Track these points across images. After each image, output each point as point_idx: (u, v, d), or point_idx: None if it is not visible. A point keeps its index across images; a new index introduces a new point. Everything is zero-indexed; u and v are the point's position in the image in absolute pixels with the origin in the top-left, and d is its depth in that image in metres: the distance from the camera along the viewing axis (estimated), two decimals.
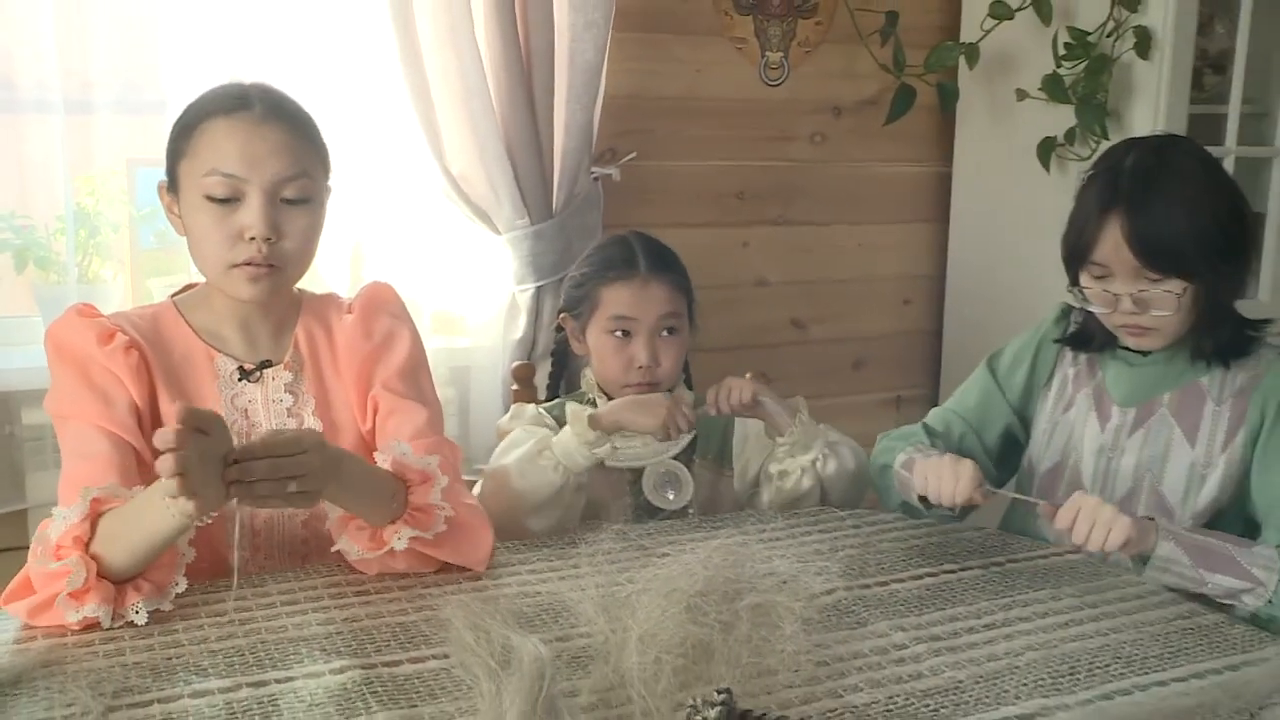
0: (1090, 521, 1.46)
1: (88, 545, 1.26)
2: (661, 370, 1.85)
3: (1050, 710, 1.14)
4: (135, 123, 2.19)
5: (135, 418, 1.43)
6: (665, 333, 1.85)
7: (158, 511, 1.22)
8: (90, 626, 1.26)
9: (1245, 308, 1.70)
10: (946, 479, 1.57)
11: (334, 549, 1.42)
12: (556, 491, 1.70)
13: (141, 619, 1.27)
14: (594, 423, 1.72)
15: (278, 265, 1.45)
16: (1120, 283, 1.60)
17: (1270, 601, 1.47)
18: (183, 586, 1.32)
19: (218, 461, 1.19)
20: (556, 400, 1.99)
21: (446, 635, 1.22)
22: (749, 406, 1.77)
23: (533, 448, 1.72)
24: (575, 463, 1.70)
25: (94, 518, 1.27)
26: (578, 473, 1.72)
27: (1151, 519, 1.52)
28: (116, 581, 1.27)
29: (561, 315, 1.97)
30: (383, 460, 1.42)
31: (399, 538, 1.38)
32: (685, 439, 1.86)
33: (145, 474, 1.38)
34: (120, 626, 1.27)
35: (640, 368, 1.83)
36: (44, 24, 2.04)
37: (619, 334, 1.85)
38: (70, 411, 1.42)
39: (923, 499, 1.63)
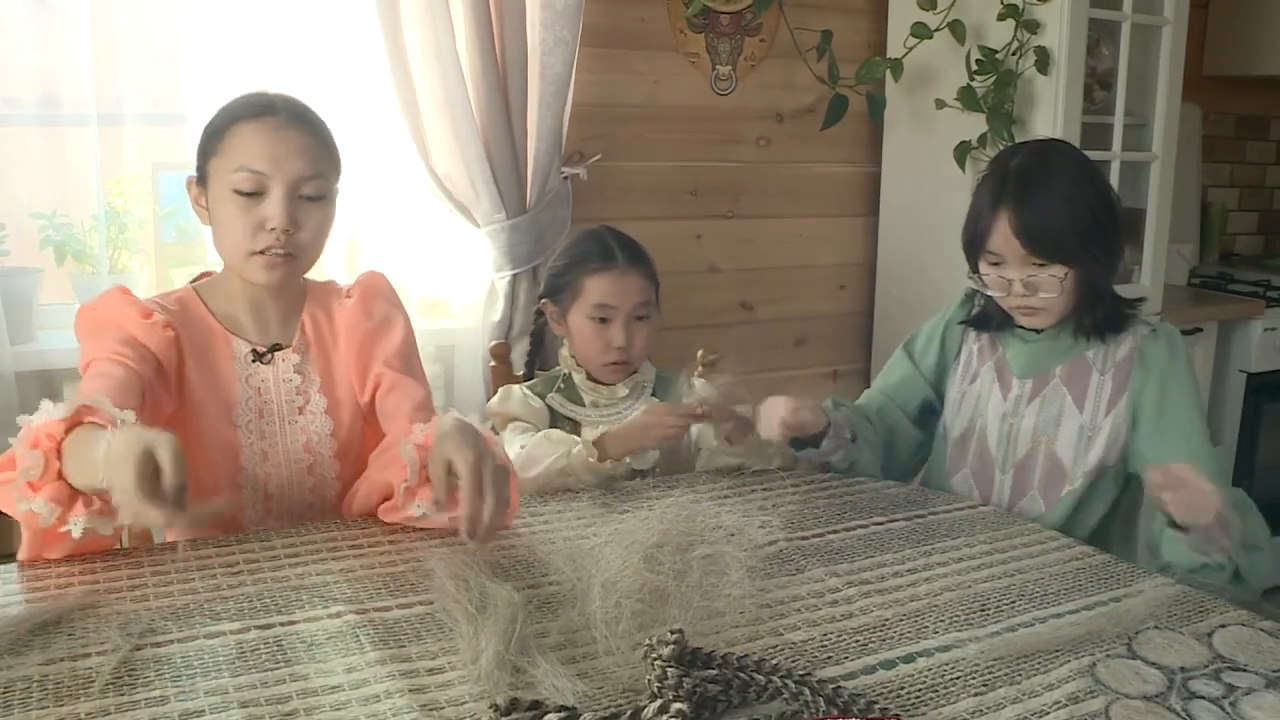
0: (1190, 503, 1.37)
1: (59, 444, 1.15)
2: (634, 352, 1.84)
3: (964, 642, 1.15)
4: (160, 133, 2.19)
5: (153, 368, 1.38)
6: (638, 319, 1.84)
7: (96, 454, 1.11)
8: (100, 554, 1.19)
9: (1128, 291, 1.71)
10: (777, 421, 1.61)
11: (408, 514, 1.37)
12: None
13: (77, 532, 1.17)
14: (603, 455, 1.64)
15: (293, 254, 1.44)
16: (1012, 269, 1.61)
17: (1228, 559, 1.43)
18: (128, 517, 1.16)
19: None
20: (536, 379, 1.97)
21: (430, 584, 1.22)
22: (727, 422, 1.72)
23: (555, 470, 1.63)
24: (593, 479, 1.64)
25: (73, 424, 1.16)
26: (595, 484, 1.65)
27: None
28: (73, 489, 1.16)
29: (543, 301, 1.94)
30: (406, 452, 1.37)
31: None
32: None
33: (149, 412, 1.32)
34: (146, 576, 1.25)
35: (617, 348, 1.82)
36: (82, 50, 2.04)
37: (599, 320, 1.83)
38: (93, 354, 1.37)
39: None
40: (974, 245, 1.64)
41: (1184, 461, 1.53)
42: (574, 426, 1.84)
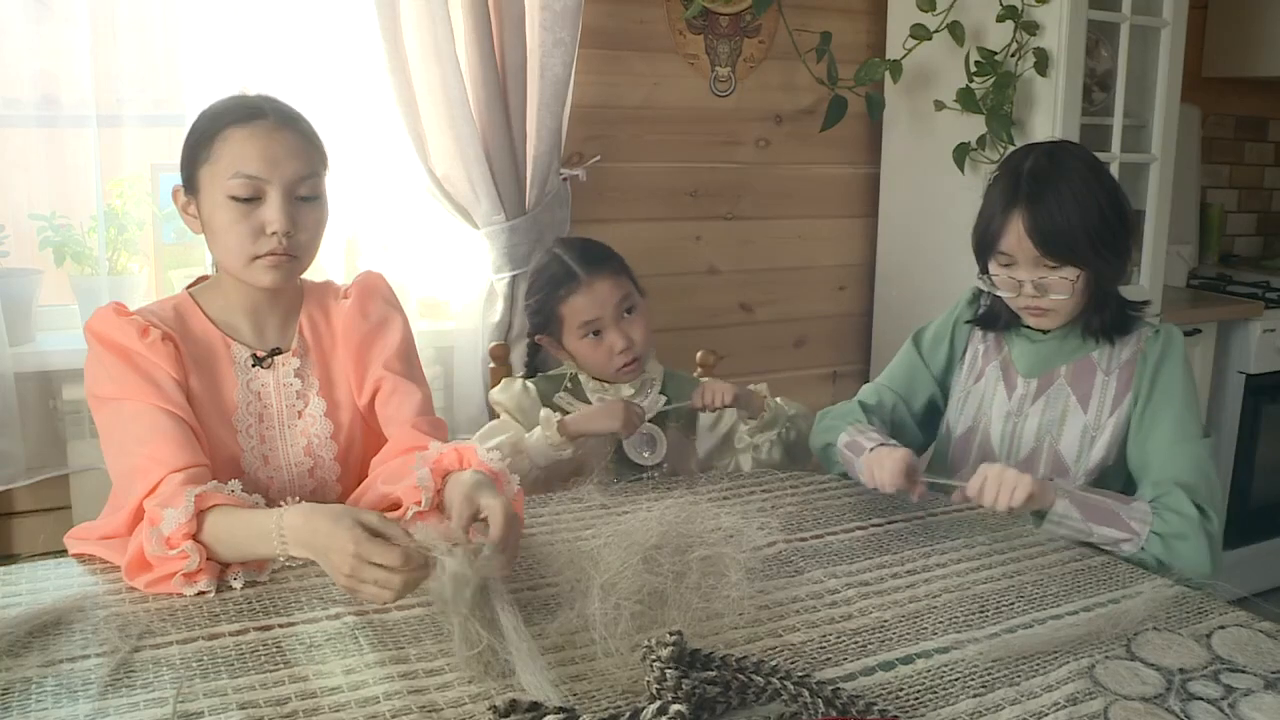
0: (996, 486, 1.47)
1: (196, 535, 1.24)
2: (637, 345, 1.85)
3: (963, 644, 1.15)
4: (159, 133, 2.17)
5: (184, 397, 1.39)
6: (625, 314, 1.84)
7: (266, 542, 1.23)
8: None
9: (1127, 292, 1.71)
10: (879, 475, 1.56)
11: None
12: (521, 478, 1.69)
13: (238, 584, 1.26)
14: (562, 429, 1.73)
15: (294, 255, 1.43)
16: (1023, 270, 1.61)
17: (1142, 549, 1.49)
18: (280, 564, 1.30)
19: None
20: (540, 377, 1.97)
21: (428, 585, 1.21)
22: (728, 405, 1.81)
23: (507, 446, 1.70)
24: (543, 459, 1.73)
25: (199, 513, 1.25)
26: (544, 465, 1.74)
27: (1050, 479, 1.53)
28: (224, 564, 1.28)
29: (536, 338, 1.94)
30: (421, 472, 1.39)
31: None
32: (659, 405, 1.86)
33: (201, 445, 1.39)
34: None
35: (620, 353, 1.83)
36: (81, 51, 2.03)
37: (591, 335, 1.83)
38: (122, 394, 1.37)
39: None
40: (985, 246, 1.64)
41: (1164, 450, 1.58)
42: None
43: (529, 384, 1.89)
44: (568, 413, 1.82)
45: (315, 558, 1.20)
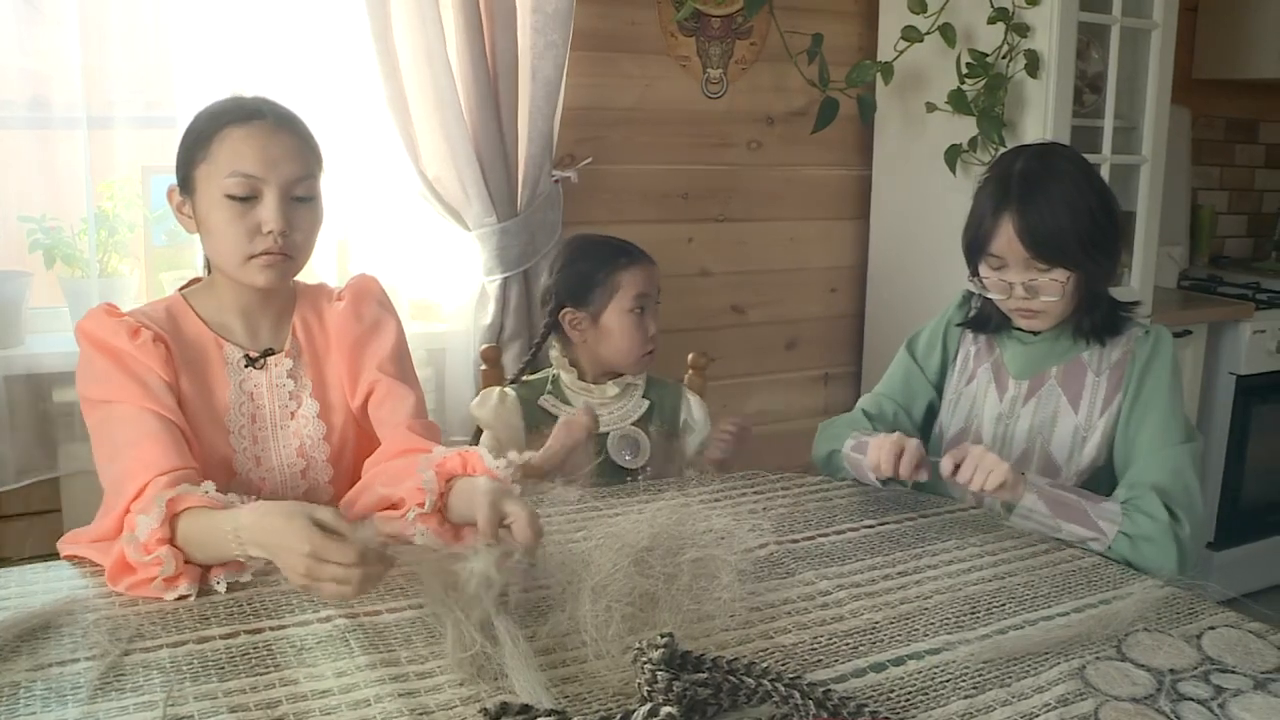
0: (974, 466, 1.49)
1: (172, 539, 1.23)
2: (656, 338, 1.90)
3: (954, 645, 1.15)
4: (150, 136, 2.17)
5: (174, 399, 1.39)
6: (655, 305, 1.90)
7: (227, 544, 1.21)
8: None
9: (1118, 293, 1.72)
10: (888, 454, 1.57)
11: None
12: None
13: (221, 588, 1.25)
14: (529, 472, 1.66)
15: (289, 254, 1.43)
16: (1014, 272, 1.62)
17: (1109, 548, 1.49)
18: (260, 564, 1.27)
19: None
20: (522, 383, 1.96)
21: (420, 588, 1.21)
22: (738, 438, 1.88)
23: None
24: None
25: (171, 517, 1.24)
26: None
27: (1022, 474, 1.53)
28: (204, 567, 1.27)
29: (565, 311, 1.89)
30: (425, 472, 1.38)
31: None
32: (643, 406, 1.88)
33: (190, 448, 1.38)
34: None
35: (652, 337, 1.87)
36: (72, 52, 2.03)
37: (639, 311, 1.86)
38: (113, 396, 1.37)
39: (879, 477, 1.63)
40: (975, 248, 1.65)
41: (1144, 452, 1.59)
42: None
43: (507, 391, 1.89)
44: (554, 416, 1.82)
45: (270, 557, 1.19)
